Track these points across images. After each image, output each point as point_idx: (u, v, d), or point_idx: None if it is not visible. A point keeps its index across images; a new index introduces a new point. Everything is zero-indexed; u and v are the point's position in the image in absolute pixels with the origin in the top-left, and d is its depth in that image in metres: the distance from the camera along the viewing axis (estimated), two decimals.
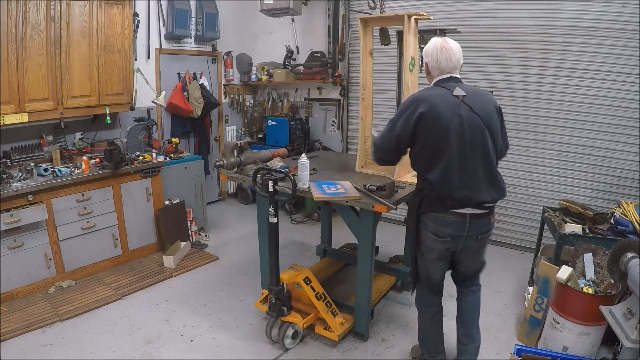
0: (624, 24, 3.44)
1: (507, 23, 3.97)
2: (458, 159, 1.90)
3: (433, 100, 1.91)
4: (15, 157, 3.40)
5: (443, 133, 1.88)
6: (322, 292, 2.67)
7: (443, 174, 1.91)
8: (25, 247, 3.11)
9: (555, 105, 3.87)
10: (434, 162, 1.92)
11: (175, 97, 4.71)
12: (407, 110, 1.94)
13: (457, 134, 1.88)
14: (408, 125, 1.92)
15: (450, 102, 1.91)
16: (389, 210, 2.32)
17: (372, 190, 2.46)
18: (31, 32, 3.11)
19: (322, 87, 5.29)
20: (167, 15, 4.59)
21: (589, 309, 2.26)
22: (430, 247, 2.09)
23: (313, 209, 5.09)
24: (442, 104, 1.90)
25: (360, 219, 2.52)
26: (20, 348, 2.62)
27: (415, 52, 2.77)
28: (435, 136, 1.89)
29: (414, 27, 2.69)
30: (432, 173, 1.93)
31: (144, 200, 3.88)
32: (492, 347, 2.69)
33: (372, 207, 2.33)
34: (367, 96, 3.04)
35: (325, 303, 2.66)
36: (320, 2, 5.02)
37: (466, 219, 1.96)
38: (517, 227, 4.24)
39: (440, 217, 1.98)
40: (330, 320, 2.64)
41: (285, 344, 2.63)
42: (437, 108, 1.88)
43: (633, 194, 3.56)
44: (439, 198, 1.95)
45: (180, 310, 3.12)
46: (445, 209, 1.96)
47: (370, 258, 2.56)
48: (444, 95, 1.93)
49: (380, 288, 3.14)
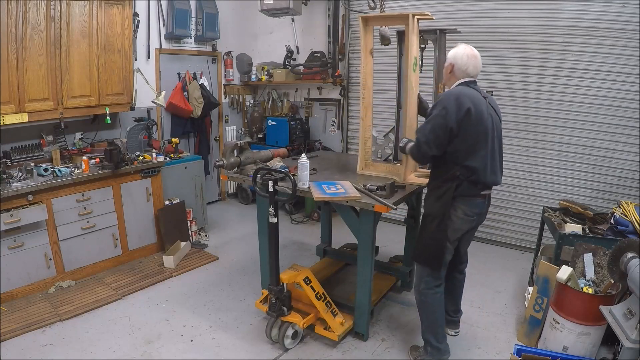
0: (624, 24, 3.44)
1: (507, 23, 3.97)
2: (491, 150, 2.23)
3: (474, 100, 2.15)
4: (15, 157, 3.40)
5: (484, 128, 2.18)
6: (322, 292, 2.67)
7: (484, 162, 2.19)
8: (25, 247, 3.11)
9: (555, 105, 3.87)
10: (475, 151, 2.17)
11: (175, 97, 4.72)
12: (453, 105, 2.12)
13: (490, 129, 2.21)
14: (457, 118, 2.11)
15: (482, 102, 2.20)
16: (389, 210, 2.34)
17: (372, 190, 2.47)
18: (31, 32, 3.11)
19: (322, 87, 5.29)
20: (167, 15, 4.59)
21: (589, 309, 2.26)
22: (458, 228, 2.29)
23: (313, 209, 5.09)
24: (480, 103, 2.18)
25: (360, 219, 2.53)
26: (20, 348, 2.62)
27: (417, 52, 2.76)
28: (477, 130, 2.16)
29: (416, 27, 2.69)
30: (474, 161, 2.17)
31: (144, 200, 3.88)
32: (492, 347, 2.70)
33: (372, 207, 2.34)
34: (367, 96, 3.04)
35: (325, 303, 2.66)
36: (320, 2, 5.02)
37: (485, 199, 2.32)
38: (517, 227, 4.24)
39: (471, 199, 2.25)
40: (330, 320, 2.64)
41: (285, 344, 2.63)
42: (479, 107, 2.16)
43: (633, 194, 3.56)
44: (475, 182, 2.21)
45: (180, 310, 3.12)
46: (477, 192, 2.24)
47: (371, 258, 2.57)
48: (477, 95, 2.20)
49: (380, 288, 3.13)
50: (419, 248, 2.41)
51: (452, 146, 2.17)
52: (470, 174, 2.19)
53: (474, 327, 2.93)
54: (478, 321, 2.99)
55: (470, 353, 2.65)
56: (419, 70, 2.84)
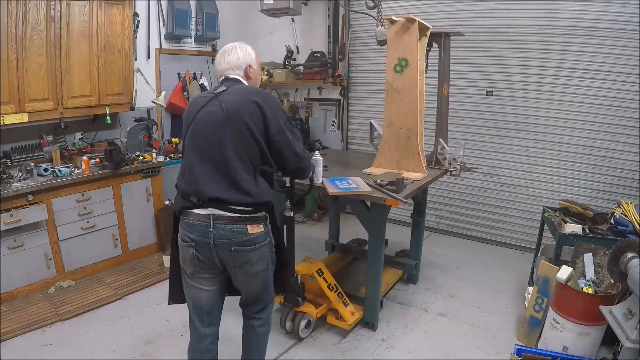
0: (624, 24, 3.44)
1: (507, 23, 3.97)
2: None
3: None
4: (15, 157, 3.40)
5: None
6: (334, 283, 2.78)
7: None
8: (25, 247, 3.11)
9: (555, 105, 3.87)
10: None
11: (175, 97, 4.71)
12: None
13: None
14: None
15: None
16: (399, 204, 2.40)
17: (383, 186, 2.52)
18: (31, 32, 3.10)
19: (322, 87, 5.28)
20: (167, 15, 4.59)
21: (589, 309, 2.26)
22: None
23: (313, 208, 5.10)
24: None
25: (372, 212, 2.65)
26: (20, 348, 2.62)
27: (410, 54, 2.77)
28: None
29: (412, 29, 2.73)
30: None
31: (144, 200, 3.88)
32: (492, 347, 2.70)
33: (383, 201, 2.41)
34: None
35: (337, 294, 2.77)
36: (320, 2, 5.02)
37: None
38: (517, 227, 4.24)
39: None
40: (342, 310, 2.75)
41: (300, 334, 2.70)
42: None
43: (633, 194, 3.56)
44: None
45: (180, 310, 3.10)
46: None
47: (381, 249, 2.70)
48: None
49: (388, 280, 3.26)
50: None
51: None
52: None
53: (474, 327, 2.93)
54: (478, 321, 2.99)
55: (470, 353, 2.65)
56: (425, 72, 2.92)
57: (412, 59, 2.75)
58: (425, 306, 3.19)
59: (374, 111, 4.92)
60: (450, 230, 4.63)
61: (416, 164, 2.87)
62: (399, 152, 2.94)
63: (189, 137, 1.84)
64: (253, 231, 1.78)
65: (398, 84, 2.83)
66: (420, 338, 2.80)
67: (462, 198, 4.50)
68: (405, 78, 2.79)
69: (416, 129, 2.83)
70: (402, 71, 2.79)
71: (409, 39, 2.73)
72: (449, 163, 3.06)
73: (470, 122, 4.28)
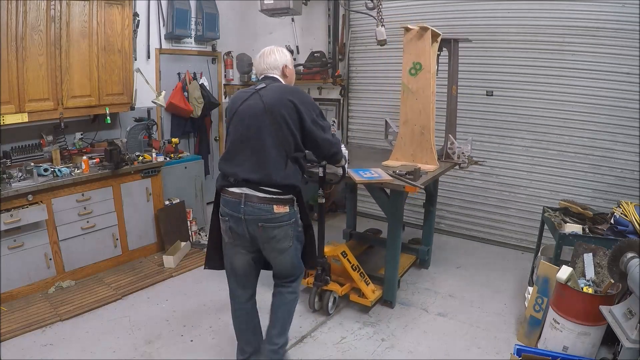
0: (624, 24, 3.44)
1: (507, 23, 3.97)
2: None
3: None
4: (15, 157, 3.40)
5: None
6: (357, 263, 3.04)
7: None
8: (25, 247, 3.11)
9: (555, 105, 3.87)
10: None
11: (175, 97, 4.71)
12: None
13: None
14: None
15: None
16: (417, 191, 2.71)
17: (402, 175, 2.79)
18: (31, 32, 3.10)
19: (322, 87, 5.28)
20: (167, 15, 4.59)
21: (589, 309, 2.26)
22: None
23: None
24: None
25: (391, 198, 2.96)
26: (20, 348, 2.62)
27: (423, 58, 2.98)
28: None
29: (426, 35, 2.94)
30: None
31: (144, 200, 3.88)
32: (492, 347, 2.70)
33: (402, 188, 2.70)
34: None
35: (359, 273, 3.03)
36: (320, 2, 5.01)
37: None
38: (517, 227, 4.24)
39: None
40: (364, 288, 3.03)
41: (328, 310, 3.00)
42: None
43: (633, 194, 3.56)
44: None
45: (180, 310, 3.12)
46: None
47: (399, 231, 2.99)
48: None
49: (403, 264, 3.55)
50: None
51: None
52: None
53: (474, 327, 2.93)
54: (478, 321, 2.99)
55: (470, 353, 2.65)
56: (436, 74, 3.14)
57: (426, 63, 2.99)
58: (425, 306, 3.19)
59: (374, 111, 4.93)
60: (450, 230, 4.63)
61: (429, 157, 3.13)
62: (414, 147, 3.19)
63: (233, 126, 2.11)
64: (279, 211, 2.04)
65: (413, 85, 3.07)
66: (420, 338, 2.80)
67: (462, 198, 4.50)
68: (419, 80, 3.04)
69: (429, 125, 3.08)
70: (416, 74, 3.03)
71: (422, 44, 2.96)
72: (457, 157, 3.33)
73: (471, 122, 4.28)
